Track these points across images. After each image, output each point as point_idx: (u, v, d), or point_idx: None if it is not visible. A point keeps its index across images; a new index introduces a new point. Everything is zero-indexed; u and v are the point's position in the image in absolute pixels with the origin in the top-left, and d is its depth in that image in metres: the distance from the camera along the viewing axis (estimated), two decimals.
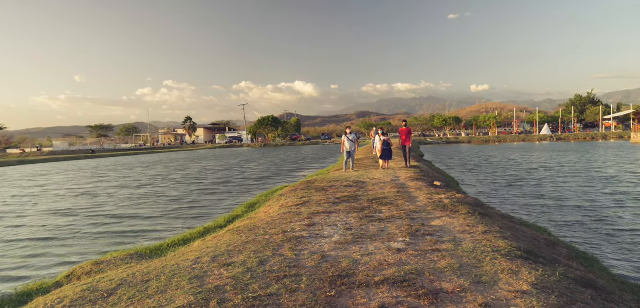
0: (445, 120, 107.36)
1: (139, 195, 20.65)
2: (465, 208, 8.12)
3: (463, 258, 5.02)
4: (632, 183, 19.22)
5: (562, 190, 18.02)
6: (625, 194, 16.43)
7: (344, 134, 17.09)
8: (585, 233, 10.84)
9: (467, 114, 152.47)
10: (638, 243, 9.82)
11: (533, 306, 3.65)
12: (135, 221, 14.27)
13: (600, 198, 15.85)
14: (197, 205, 17.09)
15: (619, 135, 76.34)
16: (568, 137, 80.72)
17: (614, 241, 10.07)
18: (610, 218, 12.38)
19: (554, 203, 15.20)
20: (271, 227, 7.31)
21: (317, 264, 5.02)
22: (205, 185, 24.12)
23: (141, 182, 26.98)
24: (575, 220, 12.42)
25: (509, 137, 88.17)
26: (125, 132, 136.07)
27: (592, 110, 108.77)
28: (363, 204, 9.02)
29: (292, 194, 11.53)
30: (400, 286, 4.18)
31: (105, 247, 10.71)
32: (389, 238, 6.09)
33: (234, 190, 21.73)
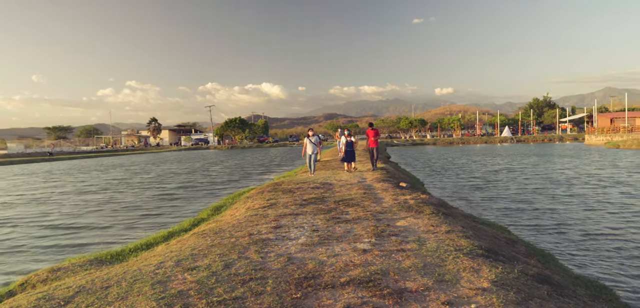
0: (411, 123, 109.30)
1: (90, 202, 18.95)
2: (429, 209, 8.29)
3: (427, 258, 5.12)
4: (586, 184, 20.12)
5: (522, 191, 18.68)
6: (580, 195, 17.20)
7: (306, 137, 16.66)
8: (543, 232, 11.28)
9: (432, 116, 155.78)
10: (590, 240, 10.30)
11: (492, 303, 3.76)
12: (79, 233, 12.60)
13: (557, 198, 16.53)
14: (155, 213, 15.75)
15: (574, 137, 79.89)
16: (527, 139, 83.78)
17: (569, 238, 10.52)
18: (566, 217, 12.93)
19: (514, 203, 15.74)
20: (237, 230, 7.23)
21: (283, 266, 5.00)
22: (166, 190, 22.89)
23: (95, 187, 25.34)
24: (533, 219, 12.90)
25: (472, 139, 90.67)
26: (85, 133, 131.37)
27: (549, 113, 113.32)
28: (330, 206, 9.06)
29: (259, 196, 11.45)
30: (366, 286, 4.22)
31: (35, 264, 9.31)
32: (355, 239, 6.14)
33: (197, 194, 20.60)
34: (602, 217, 12.78)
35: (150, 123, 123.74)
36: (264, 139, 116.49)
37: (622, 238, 10.36)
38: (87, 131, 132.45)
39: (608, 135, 60.09)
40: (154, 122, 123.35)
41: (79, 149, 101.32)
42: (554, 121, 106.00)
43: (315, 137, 16.70)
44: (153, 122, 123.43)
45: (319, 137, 22.57)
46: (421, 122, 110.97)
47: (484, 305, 3.73)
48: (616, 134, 58.57)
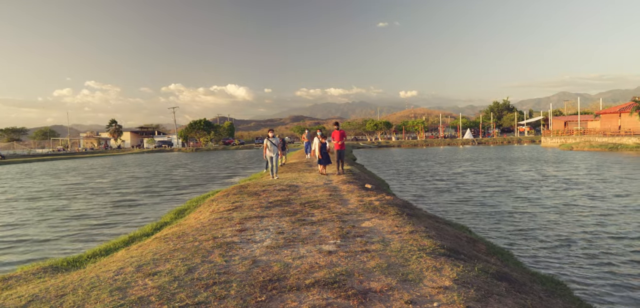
0: (377, 125, 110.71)
1: (36, 210, 17.23)
2: (394, 210, 8.41)
3: (391, 258, 5.19)
4: (542, 185, 20.95)
5: (483, 192, 19.25)
6: (536, 195, 17.88)
7: (267, 138, 15.68)
8: (503, 231, 11.66)
9: (397, 119, 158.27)
10: (546, 239, 10.73)
11: (454, 300, 3.85)
12: (14, 248, 11.22)
13: (515, 198, 17.13)
14: (108, 222, 14.48)
15: (531, 139, 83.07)
16: (488, 141, 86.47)
17: (527, 237, 10.92)
18: (524, 217, 13.42)
19: (476, 203, 16.20)
20: (201, 233, 7.09)
21: (247, 269, 4.94)
22: (124, 196, 21.43)
23: (44, 193, 23.49)
24: (494, 218, 13.31)
25: (435, 141, 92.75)
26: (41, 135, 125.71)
27: (508, 116, 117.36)
28: (296, 208, 9.03)
29: (224, 199, 11.28)
30: (331, 287, 4.23)
31: None
32: (320, 241, 6.14)
33: (157, 200, 19.63)
34: (556, 216, 13.33)
35: (110, 124, 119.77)
36: (229, 141, 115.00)
37: (575, 236, 10.85)
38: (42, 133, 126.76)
39: (562, 137, 62.86)
40: (114, 124, 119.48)
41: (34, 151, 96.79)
42: (512, 124, 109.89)
43: (276, 138, 15.83)
44: (113, 123, 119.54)
45: (283, 140, 22.43)
46: (386, 125, 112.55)
47: (446, 303, 3.81)
48: (570, 137, 61.36)
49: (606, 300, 6.90)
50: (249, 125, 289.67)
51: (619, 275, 7.97)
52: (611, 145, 49.12)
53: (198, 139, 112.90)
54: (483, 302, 3.89)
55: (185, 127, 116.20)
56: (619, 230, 11.30)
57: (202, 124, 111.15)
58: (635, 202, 15.07)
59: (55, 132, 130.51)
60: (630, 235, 10.68)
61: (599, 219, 12.59)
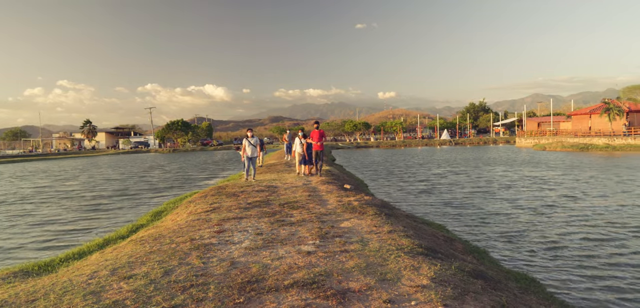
0: (356, 126, 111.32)
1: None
2: (372, 210, 8.46)
3: (369, 258, 5.22)
4: (517, 185, 21.41)
5: (460, 192, 19.56)
6: (512, 194, 18.27)
7: (245, 138, 15.19)
8: (479, 230, 11.86)
9: (375, 120, 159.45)
10: (521, 237, 10.97)
11: (431, 299, 3.89)
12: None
13: (491, 198, 17.46)
14: (76, 229, 13.55)
15: (506, 140, 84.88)
16: (464, 142, 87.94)
17: (503, 235, 11.14)
18: (499, 216, 13.69)
19: (453, 202, 16.44)
20: (178, 235, 6.99)
21: (226, 271, 4.89)
22: (94, 199, 20.40)
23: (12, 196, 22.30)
24: (470, 217, 13.54)
25: (414, 141, 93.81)
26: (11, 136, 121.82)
27: (484, 117, 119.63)
28: (274, 209, 8.99)
29: (202, 200, 11.15)
30: (310, 288, 4.22)
31: None
32: (299, 242, 6.13)
33: (131, 203, 18.92)
34: (531, 216, 13.64)
35: (84, 125, 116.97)
36: (207, 141, 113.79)
37: (548, 235, 11.12)
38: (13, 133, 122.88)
39: (536, 138, 64.42)
40: (88, 124, 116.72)
41: (4, 152, 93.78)
42: (488, 125, 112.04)
43: (255, 138, 15.33)
44: (88, 124, 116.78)
45: (261, 141, 22.23)
46: (365, 125, 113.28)
47: (424, 301, 3.85)
48: (543, 137, 62.93)
49: (578, 296, 7.09)
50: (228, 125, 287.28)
51: (590, 272, 8.21)
52: (582, 146, 50.59)
53: (175, 140, 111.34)
54: (460, 300, 3.95)
55: (162, 127, 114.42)
56: (592, 229, 11.65)
57: (179, 125, 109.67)
58: (607, 202, 15.55)
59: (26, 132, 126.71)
60: (602, 234, 11.01)
61: (572, 218, 12.94)
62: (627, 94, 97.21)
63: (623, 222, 12.08)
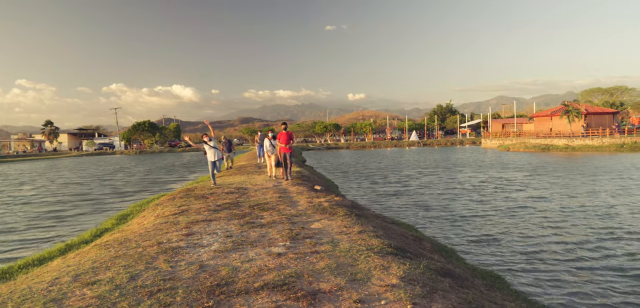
0: (326, 127, 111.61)
1: None
2: (342, 210, 8.50)
3: (340, 258, 5.24)
4: (484, 187, 21.99)
5: (429, 192, 19.92)
6: (480, 196, 18.74)
7: (203, 141, 13.95)
8: (447, 228, 12.11)
9: (345, 121, 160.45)
10: (487, 235, 11.27)
11: (401, 297, 3.94)
12: None
13: (460, 198, 17.86)
14: (30, 239, 12.42)
15: (472, 141, 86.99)
16: (432, 143, 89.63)
17: (470, 234, 11.42)
18: (467, 215, 14.02)
19: (422, 202, 16.72)
20: (145, 239, 6.82)
21: (194, 275, 4.81)
22: (53, 205, 18.90)
23: None
24: (439, 217, 13.81)
25: (383, 142, 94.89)
26: None
27: (451, 119, 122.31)
28: (244, 210, 8.91)
29: (170, 203, 10.92)
30: (280, 290, 4.20)
31: None
32: (269, 243, 6.09)
33: (90, 209, 17.77)
34: (497, 215, 14.04)
35: (46, 126, 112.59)
36: (176, 143, 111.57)
37: (512, 233, 11.47)
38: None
39: (500, 139, 66.36)
40: (50, 125, 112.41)
41: None
42: (455, 126, 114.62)
43: (213, 140, 13.93)
44: (49, 124, 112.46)
45: (229, 142, 21.88)
46: (335, 127, 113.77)
47: (393, 300, 3.90)
48: (507, 138, 64.89)
49: (540, 292, 7.34)
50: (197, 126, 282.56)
51: (553, 268, 8.51)
52: (544, 146, 52.47)
53: (142, 141, 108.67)
54: (428, 298, 4.01)
55: (129, 128, 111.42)
56: (555, 228, 12.09)
57: (146, 126, 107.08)
58: (569, 202, 16.17)
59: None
60: (565, 233, 11.45)
61: (536, 218, 13.40)
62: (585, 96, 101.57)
63: (585, 221, 12.59)
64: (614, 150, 45.76)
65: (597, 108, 64.37)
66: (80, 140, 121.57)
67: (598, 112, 58.76)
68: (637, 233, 10.88)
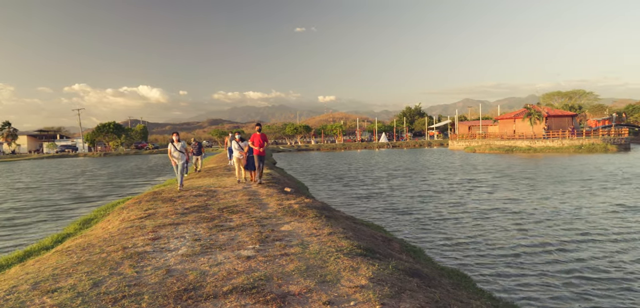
0: (296, 129, 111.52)
1: None
2: (312, 212, 8.51)
3: (309, 260, 5.24)
4: (452, 188, 22.48)
5: (399, 194, 20.20)
6: (448, 197, 19.14)
7: (170, 143, 13.44)
8: (416, 229, 12.32)
9: (316, 123, 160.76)
10: (455, 235, 11.52)
11: (370, 298, 3.98)
12: None
13: (428, 199, 18.19)
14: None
15: (440, 143, 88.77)
16: (401, 145, 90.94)
17: (438, 234, 11.65)
18: (435, 216, 14.30)
19: (391, 204, 16.94)
20: (109, 244, 6.62)
21: (161, 280, 4.70)
22: (8, 212, 17.77)
23: None
24: (408, 217, 14.02)
25: (353, 144, 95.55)
26: None
27: (420, 121, 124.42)
28: (213, 213, 8.79)
29: (136, 207, 10.65)
30: (249, 293, 4.17)
31: None
32: (238, 246, 6.03)
33: (54, 215, 16.93)
34: (464, 215, 14.38)
35: (3, 127, 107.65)
36: (142, 145, 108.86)
37: (479, 232, 11.78)
38: None
39: (467, 141, 68.03)
40: (8, 127, 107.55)
41: None
42: (423, 128, 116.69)
43: (182, 143, 13.61)
44: (7, 126, 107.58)
45: (199, 144, 21.54)
46: (306, 129, 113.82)
47: (362, 301, 3.93)
48: (473, 140, 66.59)
49: (505, 289, 7.57)
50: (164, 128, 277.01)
51: (516, 266, 8.79)
52: (507, 148, 54.14)
53: (107, 143, 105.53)
54: (396, 298, 4.07)
55: (93, 130, 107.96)
56: (518, 227, 12.48)
57: (111, 127, 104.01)
58: (533, 202, 16.73)
59: None
60: (528, 231, 11.84)
61: (501, 218, 13.80)
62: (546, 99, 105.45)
63: (549, 222, 13.06)
64: (572, 151, 47.69)
65: (557, 111, 67.01)
66: (41, 142, 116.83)
67: (558, 115, 61.15)
68: (598, 233, 11.38)
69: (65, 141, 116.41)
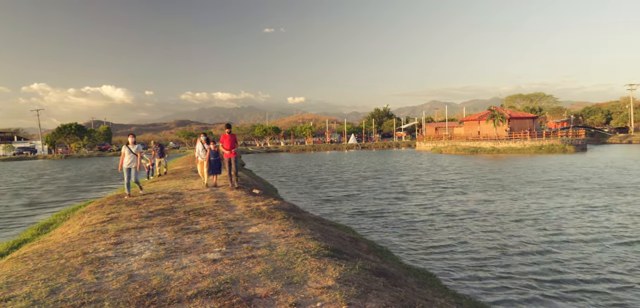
0: (266, 130, 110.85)
1: None
2: (281, 214, 8.47)
3: (277, 262, 5.21)
4: (419, 189, 22.87)
5: (367, 194, 20.38)
6: (415, 198, 19.46)
7: (125, 145, 12.35)
8: (384, 229, 12.46)
9: (285, 124, 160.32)
10: (421, 235, 11.73)
11: (336, 299, 4.00)
12: None
13: (396, 199, 18.44)
14: None
15: (407, 144, 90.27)
16: (370, 146, 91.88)
17: (405, 233, 11.82)
18: (403, 216, 14.50)
19: (360, 205, 17.08)
20: (68, 250, 6.38)
21: (123, 285, 4.57)
22: None
23: None
24: (376, 218, 14.16)
25: (323, 145, 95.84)
26: None
27: (388, 122, 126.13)
28: (179, 216, 8.61)
29: (98, 210, 10.32)
30: (214, 297, 4.10)
31: None
32: (204, 250, 5.93)
33: (4, 222, 16.00)
34: (431, 215, 14.65)
35: None
36: (106, 147, 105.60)
37: (445, 232, 12.03)
38: None
39: (434, 142, 69.44)
40: None
41: None
42: (392, 129, 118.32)
43: (137, 145, 12.48)
44: None
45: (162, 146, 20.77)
46: (275, 130, 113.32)
47: (329, 302, 3.94)
48: (440, 141, 68.03)
49: (469, 287, 7.76)
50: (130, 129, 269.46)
51: (479, 263, 9.03)
52: (472, 149, 55.60)
53: (68, 145, 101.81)
54: (363, 298, 4.10)
55: (53, 131, 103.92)
56: (481, 225, 12.82)
57: (73, 128, 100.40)
58: (496, 201, 17.22)
59: None
60: (492, 229, 12.17)
61: (465, 217, 14.14)
62: (509, 102, 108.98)
63: (512, 220, 13.47)
64: (533, 152, 49.44)
65: (519, 113, 69.34)
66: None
67: (520, 117, 63.27)
68: (562, 232, 11.83)
69: (23, 143, 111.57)
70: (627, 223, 12.32)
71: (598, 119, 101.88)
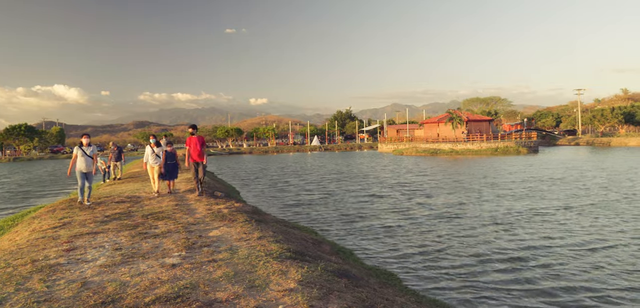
0: (228, 132, 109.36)
1: None
2: (243, 216, 8.38)
3: (238, 266, 5.15)
4: (384, 191, 23.18)
5: (330, 196, 20.47)
6: (378, 199, 19.71)
7: (78, 147, 11.19)
8: (347, 231, 12.54)
9: (248, 126, 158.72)
10: (384, 235, 11.89)
11: (298, 301, 3.99)
12: None
13: (360, 201, 18.62)
14: None
15: (369, 146, 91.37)
16: (333, 148, 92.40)
17: (368, 235, 11.95)
18: (366, 218, 14.66)
19: (323, 206, 17.13)
20: (16, 257, 6.05)
21: (75, 294, 4.38)
22: None
23: None
24: (339, 220, 14.24)
25: (286, 147, 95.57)
26: None
27: (350, 124, 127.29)
28: (137, 221, 8.35)
29: (49, 216, 9.84)
30: (173, 303, 4.00)
31: None
32: (163, 254, 5.78)
33: None
34: (393, 216, 14.88)
35: None
36: (59, 149, 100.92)
37: (407, 232, 12.25)
38: None
39: (395, 144, 70.67)
40: None
41: None
42: (354, 131, 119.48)
43: (92, 147, 11.42)
44: None
45: (120, 148, 19.57)
46: (237, 131, 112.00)
47: (291, 304, 3.93)
48: (401, 143, 69.32)
49: (429, 287, 7.93)
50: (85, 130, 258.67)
51: (439, 263, 9.25)
52: (432, 151, 56.99)
53: (17, 147, 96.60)
54: (325, 300, 4.11)
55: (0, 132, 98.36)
56: (443, 225, 13.14)
57: (22, 130, 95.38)
58: (455, 201, 17.70)
59: None
60: (452, 229, 12.49)
61: (427, 217, 14.45)
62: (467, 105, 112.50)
63: (471, 218, 13.88)
64: (490, 153, 51.25)
65: (476, 116, 71.72)
66: None
67: (477, 120, 65.47)
68: (520, 229, 12.30)
69: None
70: (585, 223, 13.00)
71: (549, 121, 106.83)
